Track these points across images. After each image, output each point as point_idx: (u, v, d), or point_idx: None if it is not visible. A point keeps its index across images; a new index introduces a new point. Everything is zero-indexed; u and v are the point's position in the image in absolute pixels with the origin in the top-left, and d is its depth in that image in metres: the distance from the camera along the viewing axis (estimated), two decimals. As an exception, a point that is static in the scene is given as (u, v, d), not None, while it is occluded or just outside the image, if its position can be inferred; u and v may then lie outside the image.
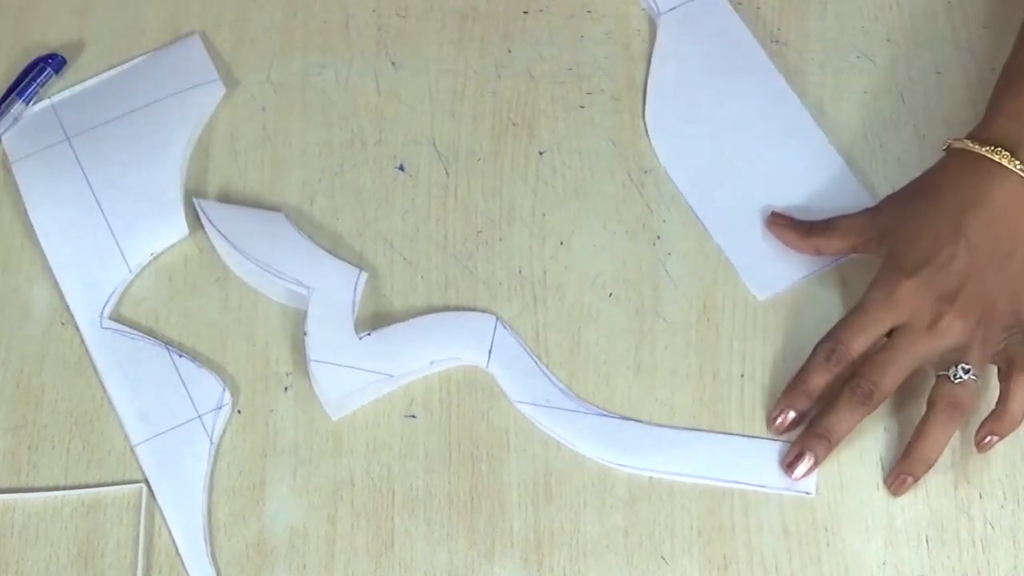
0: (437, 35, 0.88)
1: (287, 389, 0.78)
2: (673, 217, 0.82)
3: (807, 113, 0.85)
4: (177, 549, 0.73)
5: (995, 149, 0.76)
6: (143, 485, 0.75)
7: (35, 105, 0.86)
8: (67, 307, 0.80)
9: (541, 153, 0.84)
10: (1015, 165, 0.75)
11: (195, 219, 0.82)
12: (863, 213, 0.80)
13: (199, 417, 0.76)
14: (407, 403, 0.77)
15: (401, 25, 0.89)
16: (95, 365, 0.78)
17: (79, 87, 0.87)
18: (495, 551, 0.74)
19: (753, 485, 0.75)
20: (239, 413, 0.77)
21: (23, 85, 0.85)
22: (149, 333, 0.79)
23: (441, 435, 0.77)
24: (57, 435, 0.77)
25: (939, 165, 0.79)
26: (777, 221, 0.81)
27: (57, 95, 0.86)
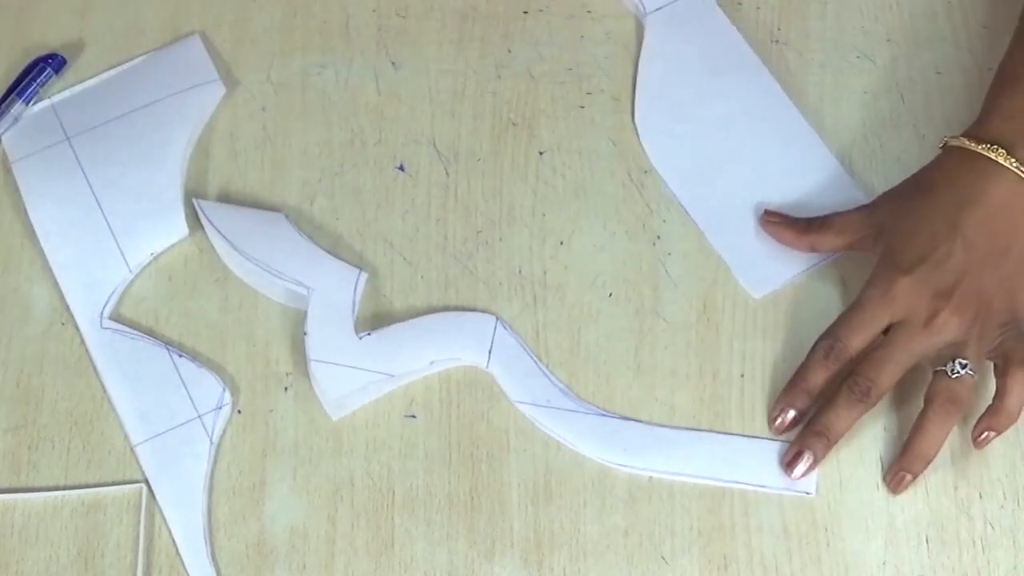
0: (437, 35, 0.88)
1: (287, 389, 0.78)
2: (673, 217, 0.82)
3: (796, 110, 0.85)
4: (177, 549, 0.73)
5: (992, 147, 0.76)
6: (143, 485, 0.75)
7: (35, 105, 0.86)
8: (67, 307, 0.80)
9: (541, 153, 0.84)
10: (1011, 163, 0.75)
11: (195, 219, 0.82)
12: (859, 210, 0.79)
13: (199, 417, 0.76)
14: (407, 403, 0.77)
15: (401, 25, 0.89)
16: (95, 365, 0.78)
17: (79, 87, 0.87)
18: (495, 551, 0.74)
19: (753, 485, 0.75)
20: (239, 413, 0.77)
21: (23, 85, 0.85)
22: (149, 333, 0.79)
23: (441, 435, 0.77)
24: (57, 435, 0.77)
25: (935, 163, 0.79)
26: (771, 219, 0.81)
27: (57, 95, 0.86)
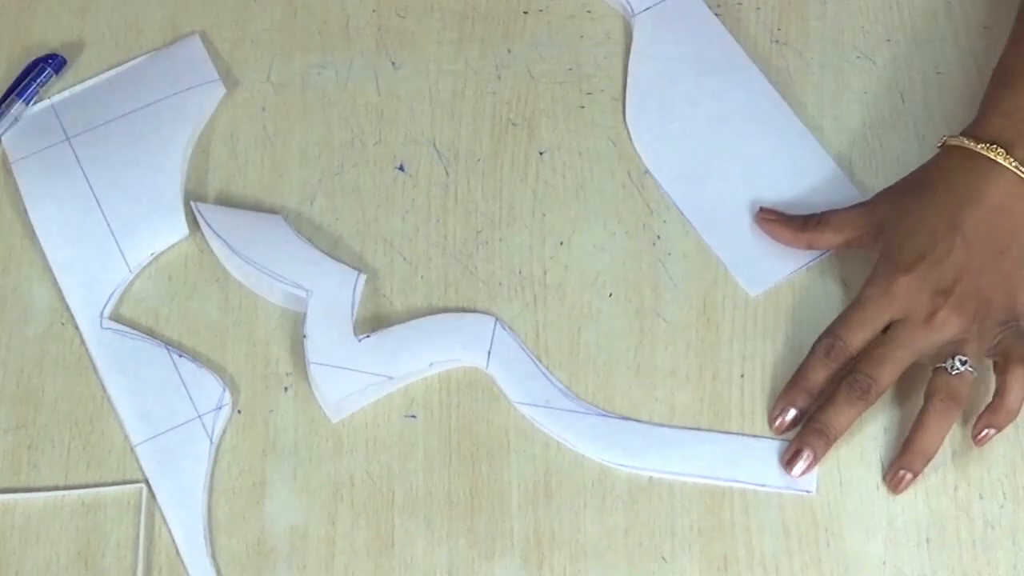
0: (437, 35, 0.88)
1: (287, 389, 0.78)
2: (673, 217, 0.82)
3: (789, 108, 0.85)
4: (177, 549, 0.73)
5: (991, 146, 0.76)
6: (143, 485, 0.75)
7: (35, 105, 0.86)
8: (67, 307, 0.80)
9: (541, 153, 0.84)
10: (1011, 163, 0.75)
11: (195, 219, 0.82)
12: (857, 207, 0.79)
13: (199, 417, 0.76)
14: (407, 403, 0.77)
15: (401, 25, 0.89)
16: (95, 365, 0.78)
17: (79, 87, 0.87)
18: (495, 551, 0.74)
19: (753, 484, 0.75)
20: (239, 413, 0.77)
21: (23, 85, 0.85)
22: (149, 333, 0.79)
23: (441, 435, 0.77)
24: (57, 435, 0.77)
25: (934, 161, 0.79)
26: (767, 216, 0.81)
27: (57, 95, 0.86)
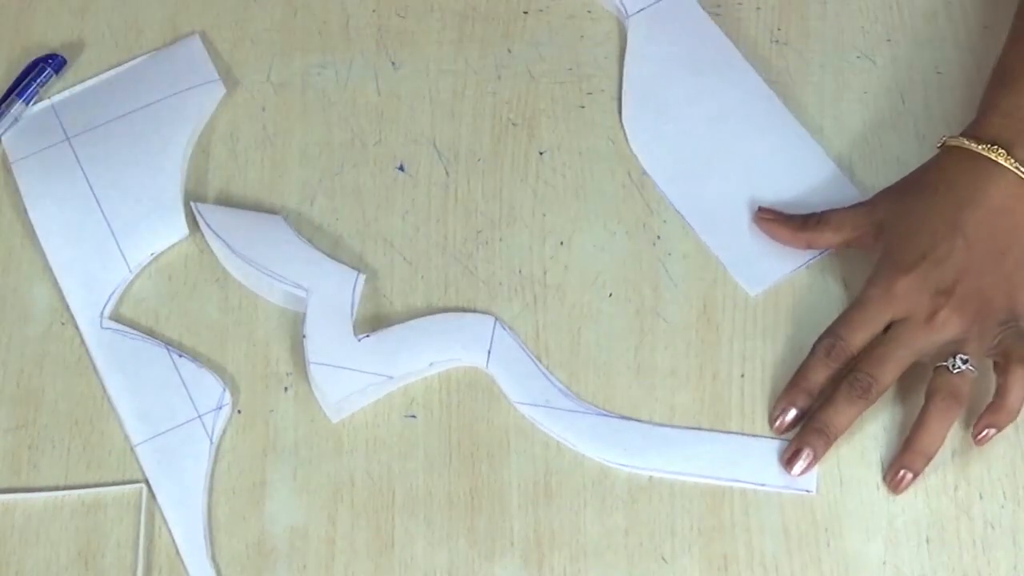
0: (437, 35, 0.88)
1: (287, 389, 0.78)
2: (673, 217, 0.82)
3: (784, 107, 0.85)
4: (177, 549, 0.73)
5: (992, 147, 0.76)
6: (143, 485, 0.75)
7: (35, 105, 0.86)
8: (67, 307, 0.80)
9: (541, 153, 0.84)
10: (1011, 163, 0.75)
11: (195, 219, 0.81)
12: (857, 207, 0.79)
13: (199, 417, 0.76)
14: (407, 403, 0.77)
15: (401, 25, 0.89)
16: (95, 365, 0.78)
17: (79, 87, 0.87)
18: (495, 551, 0.74)
19: (753, 484, 0.75)
20: (239, 413, 0.77)
21: (23, 85, 0.85)
22: (149, 333, 0.79)
23: (441, 435, 0.76)
24: (57, 435, 0.77)
25: (934, 161, 0.79)
26: (765, 216, 0.81)
27: (57, 95, 0.86)
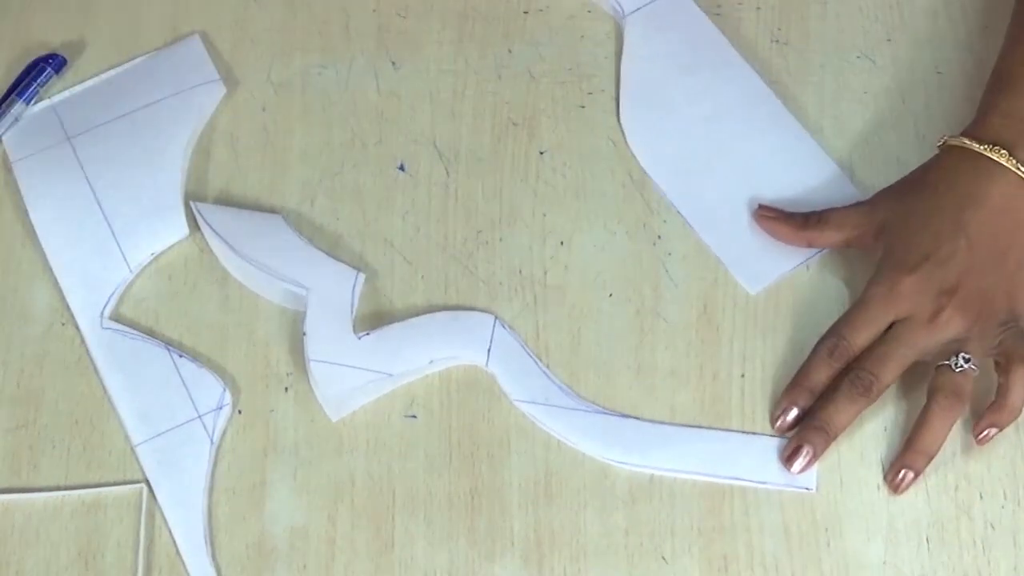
0: (437, 35, 0.88)
1: (287, 389, 0.78)
2: (673, 217, 0.82)
3: (782, 106, 0.85)
4: (177, 549, 0.73)
5: (993, 148, 0.76)
6: (143, 485, 0.75)
7: (35, 105, 0.86)
8: (67, 307, 0.80)
9: (541, 153, 0.84)
10: (1012, 164, 0.76)
11: (195, 219, 0.81)
12: (858, 207, 0.79)
13: (199, 417, 0.76)
14: (407, 403, 0.77)
15: (401, 25, 0.89)
16: (95, 365, 0.78)
17: (79, 87, 0.87)
18: (495, 551, 0.74)
19: (753, 481, 0.75)
20: (239, 413, 0.77)
21: (23, 85, 0.85)
22: (149, 333, 0.79)
23: (441, 435, 0.76)
24: (57, 435, 0.77)
25: (934, 161, 0.79)
26: (766, 214, 0.81)
27: (57, 95, 0.86)
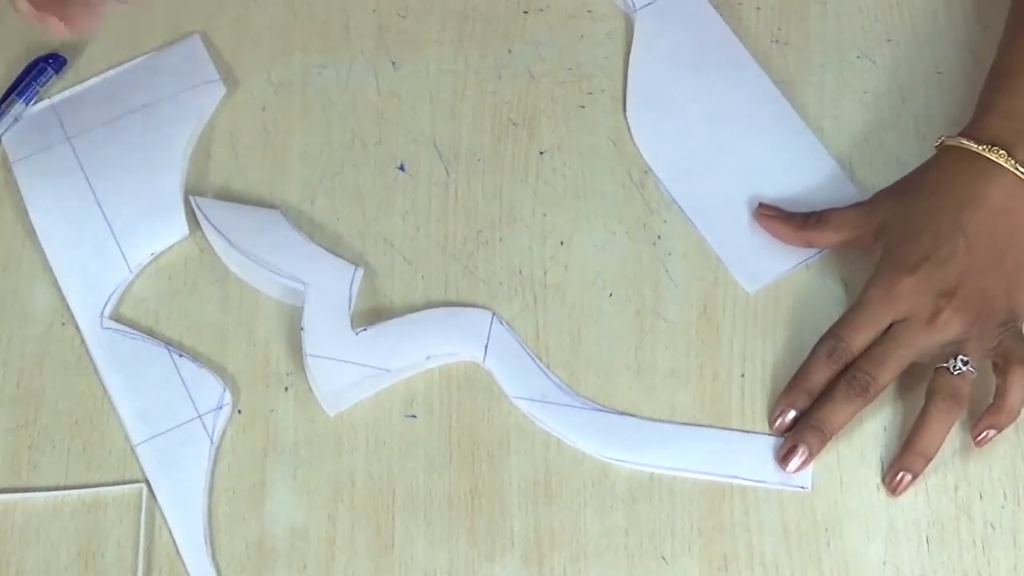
0: (437, 35, 0.88)
1: (287, 389, 0.78)
2: (673, 217, 0.82)
3: (788, 105, 0.85)
4: (177, 549, 0.73)
5: (992, 148, 0.76)
6: (143, 485, 0.75)
7: (35, 105, 0.86)
8: (67, 307, 0.80)
9: (541, 153, 0.84)
10: (1011, 164, 0.75)
11: (195, 219, 0.81)
12: (857, 207, 0.79)
13: (199, 417, 0.76)
14: (407, 403, 0.77)
15: (401, 25, 0.89)
16: (95, 365, 0.78)
17: (79, 87, 0.87)
18: (495, 551, 0.74)
19: (750, 480, 0.75)
20: (239, 413, 0.77)
21: (23, 85, 0.85)
22: (149, 333, 0.79)
23: (441, 435, 0.76)
24: (57, 435, 0.77)
25: (932, 162, 0.79)
26: (766, 213, 0.81)
27: (57, 95, 0.86)
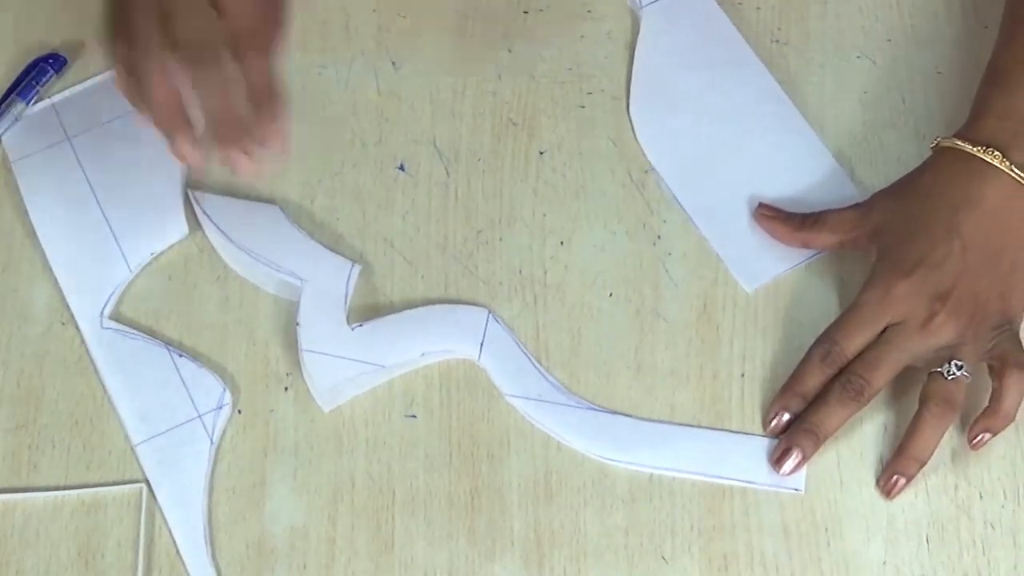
0: (437, 35, 0.88)
1: (287, 389, 0.78)
2: (673, 217, 0.82)
3: (792, 105, 0.85)
4: (177, 549, 0.73)
5: (987, 149, 0.76)
6: (143, 485, 0.75)
7: (35, 105, 0.86)
8: (67, 307, 0.80)
9: (541, 153, 0.84)
10: (1006, 165, 0.75)
11: (195, 219, 0.82)
12: (853, 209, 0.79)
13: (199, 417, 0.76)
14: (407, 403, 0.77)
15: (401, 25, 0.89)
16: (95, 365, 0.78)
17: (79, 87, 0.87)
18: (495, 551, 0.74)
19: (742, 481, 0.75)
20: (239, 413, 0.77)
21: (24, 85, 0.85)
22: (149, 333, 0.79)
23: (441, 435, 0.76)
24: (57, 435, 0.77)
25: (929, 164, 0.79)
26: (765, 213, 0.81)
27: (57, 95, 0.86)
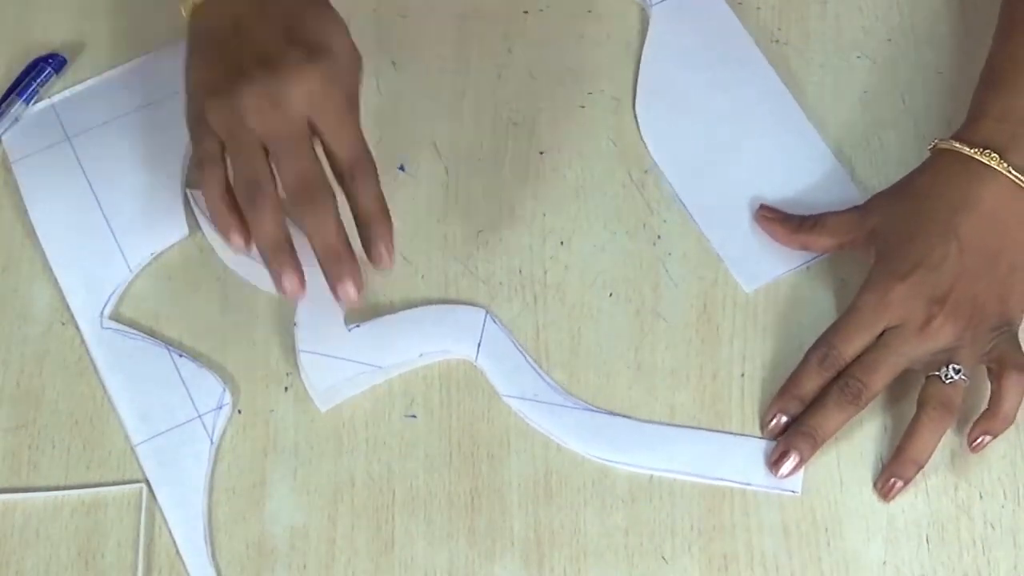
0: (437, 35, 0.88)
1: (287, 389, 0.78)
2: (673, 217, 0.82)
3: (797, 106, 0.85)
4: (177, 549, 0.73)
5: (984, 151, 0.76)
6: (143, 485, 0.75)
7: (35, 105, 0.86)
8: (67, 307, 0.80)
9: (541, 153, 0.84)
10: (1004, 167, 0.75)
11: (195, 219, 0.81)
12: (851, 211, 0.79)
13: (199, 417, 0.76)
14: (407, 403, 0.77)
15: (401, 25, 0.89)
16: (95, 365, 0.78)
17: (79, 87, 0.87)
18: (495, 551, 0.74)
19: (739, 483, 0.75)
20: (239, 413, 0.77)
21: (23, 85, 0.85)
22: (149, 333, 0.79)
23: (441, 435, 0.76)
24: (57, 435, 0.77)
25: (927, 165, 0.79)
26: (766, 214, 0.81)
27: (57, 95, 0.86)
